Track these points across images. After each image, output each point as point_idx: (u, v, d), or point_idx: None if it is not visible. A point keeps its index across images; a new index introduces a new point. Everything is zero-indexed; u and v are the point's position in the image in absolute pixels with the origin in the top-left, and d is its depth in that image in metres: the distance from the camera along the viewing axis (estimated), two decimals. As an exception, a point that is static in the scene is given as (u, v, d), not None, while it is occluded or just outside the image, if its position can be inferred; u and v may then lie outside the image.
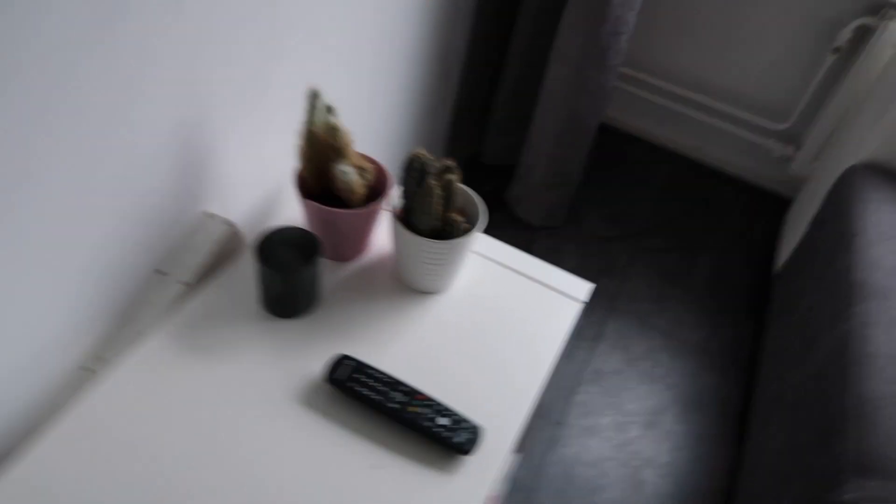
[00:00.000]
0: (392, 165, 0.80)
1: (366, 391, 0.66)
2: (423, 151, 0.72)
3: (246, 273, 0.78)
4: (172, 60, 0.65)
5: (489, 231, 0.82)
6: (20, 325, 0.62)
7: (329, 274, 0.80)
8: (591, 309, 1.58)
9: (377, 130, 1.25)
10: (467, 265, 0.83)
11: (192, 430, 0.65)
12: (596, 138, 1.66)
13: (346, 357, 0.69)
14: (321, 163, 0.75)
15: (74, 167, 0.59)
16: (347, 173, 0.73)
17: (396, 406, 0.66)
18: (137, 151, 0.66)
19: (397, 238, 0.76)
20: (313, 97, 0.72)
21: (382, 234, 0.85)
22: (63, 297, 0.65)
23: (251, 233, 0.83)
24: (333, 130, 0.73)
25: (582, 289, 0.84)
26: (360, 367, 0.68)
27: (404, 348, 0.74)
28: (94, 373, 0.70)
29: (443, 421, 0.65)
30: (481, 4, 1.46)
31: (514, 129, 1.74)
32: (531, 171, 1.69)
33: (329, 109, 0.73)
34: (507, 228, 1.74)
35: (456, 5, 1.33)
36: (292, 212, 0.86)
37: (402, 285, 0.81)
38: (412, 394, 0.67)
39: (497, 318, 0.79)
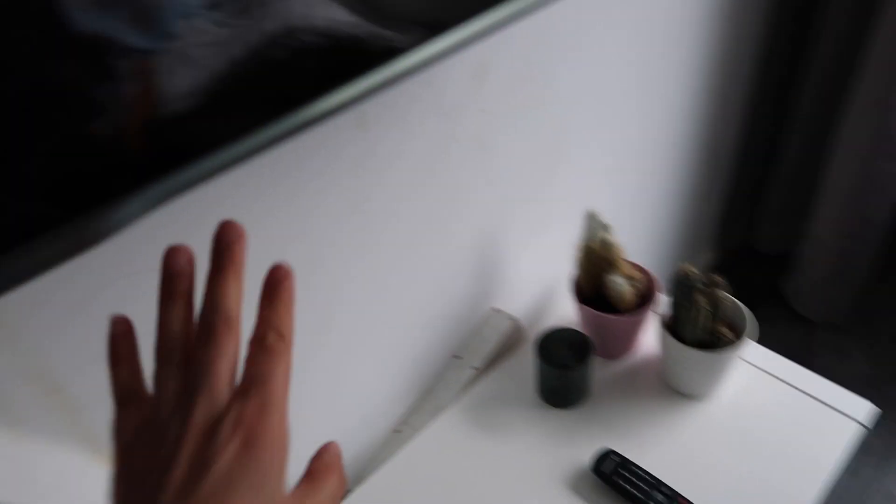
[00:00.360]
0: (660, 264, 0.86)
1: (629, 487, 0.72)
2: (690, 267, 0.78)
3: (526, 363, 0.90)
4: (476, 190, 0.81)
5: (763, 325, 0.83)
6: (357, 397, 0.81)
7: (599, 369, 0.88)
8: (883, 420, 1.40)
9: (645, 233, 1.31)
10: (735, 373, 0.85)
11: (472, 494, 0.77)
12: (892, 229, 1.51)
13: (612, 452, 0.76)
14: (595, 272, 0.85)
15: (409, 279, 0.77)
16: (620, 284, 0.82)
17: (658, 506, 0.71)
18: (448, 263, 0.83)
19: (664, 345, 0.82)
20: (591, 217, 0.83)
21: (649, 336, 0.91)
22: (387, 376, 0.83)
23: (530, 326, 0.96)
24: (608, 246, 0.83)
25: (864, 409, 0.80)
26: (625, 463, 0.75)
27: (667, 449, 0.79)
28: (401, 434, 0.87)
29: (704, 529, 0.68)
30: (756, 88, 1.45)
31: (791, 218, 1.66)
32: (811, 264, 1.59)
33: (605, 227, 0.83)
34: (782, 323, 1.64)
35: (725, 93, 1.35)
36: (565, 310, 0.96)
37: (667, 387, 0.86)
38: (674, 497, 0.71)
39: (764, 431, 0.80)
